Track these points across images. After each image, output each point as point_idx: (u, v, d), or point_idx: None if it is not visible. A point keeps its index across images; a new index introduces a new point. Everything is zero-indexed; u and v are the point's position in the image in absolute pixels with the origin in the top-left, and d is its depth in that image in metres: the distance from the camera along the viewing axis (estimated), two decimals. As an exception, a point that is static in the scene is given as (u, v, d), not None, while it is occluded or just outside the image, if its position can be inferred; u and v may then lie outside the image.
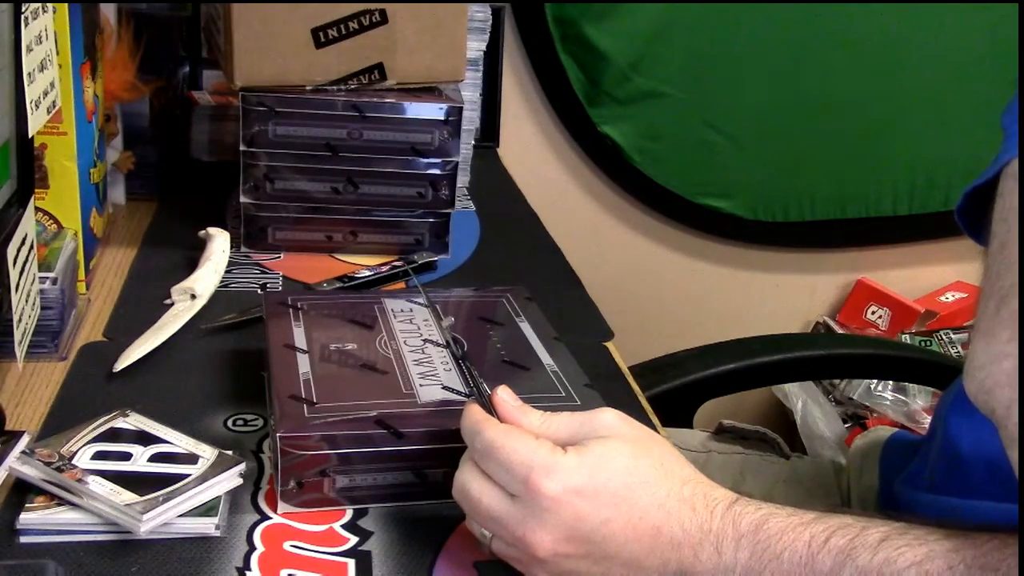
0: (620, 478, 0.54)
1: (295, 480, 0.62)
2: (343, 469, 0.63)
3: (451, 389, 0.67)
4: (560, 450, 0.55)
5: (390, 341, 0.73)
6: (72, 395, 0.75)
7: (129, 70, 1.03)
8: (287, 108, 0.96)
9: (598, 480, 0.54)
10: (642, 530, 0.54)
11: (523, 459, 0.54)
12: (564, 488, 0.54)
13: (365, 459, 0.63)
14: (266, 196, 0.99)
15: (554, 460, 0.54)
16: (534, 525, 0.54)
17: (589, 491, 0.54)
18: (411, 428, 0.63)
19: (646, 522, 0.54)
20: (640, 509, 0.54)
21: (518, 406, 0.59)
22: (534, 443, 0.55)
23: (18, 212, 0.71)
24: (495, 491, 0.56)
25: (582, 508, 0.54)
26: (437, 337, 0.74)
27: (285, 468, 0.62)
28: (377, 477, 0.64)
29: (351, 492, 0.63)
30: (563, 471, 0.54)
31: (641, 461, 0.55)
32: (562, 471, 0.54)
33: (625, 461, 0.55)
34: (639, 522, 0.54)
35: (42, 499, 0.60)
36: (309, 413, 0.63)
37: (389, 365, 0.70)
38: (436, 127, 0.99)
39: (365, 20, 0.95)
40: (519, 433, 0.56)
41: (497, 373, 0.69)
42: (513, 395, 0.60)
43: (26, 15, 0.69)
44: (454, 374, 0.69)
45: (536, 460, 0.54)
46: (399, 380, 0.68)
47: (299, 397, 0.65)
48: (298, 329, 0.74)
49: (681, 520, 0.54)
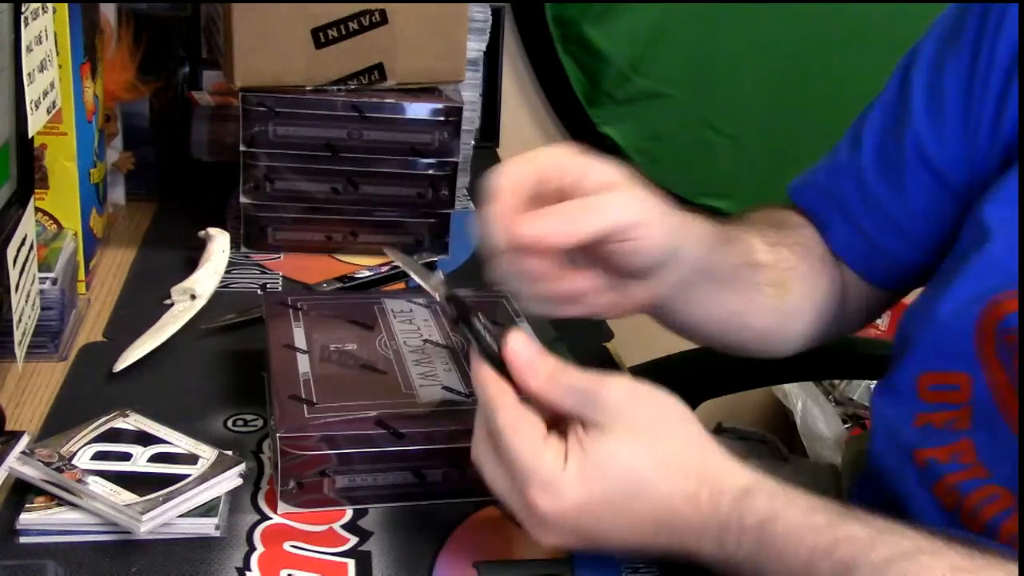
0: (619, 486, 0.55)
1: (295, 480, 0.62)
2: (343, 469, 0.63)
3: (451, 389, 0.67)
4: (561, 463, 0.55)
5: (390, 341, 0.73)
6: (72, 395, 0.75)
7: (129, 70, 1.03)
8: (287, 108, 0.96)
9: (595, 493, 0.54)
10: (645, 528, 0.55)
11: (524, 467, 0.54)
12: (561, 507, 0.54)
13: (365, 459, 0.63)
14: (266, 196, 0.99)
15: (553, 477, 0.54)
16: (538, 528, 0.55)
17: (586, 507, 0.54)
18: (411, 428, 0.63)
19: (648, 522, 0.55)
20: (640, 515, 0.55)
21: (527, 360, 0.57)
22: (539, 449, 0.55)
23: (18, 212, 0.71)
24: (506, 480, 0.56)
25: (581, 521, 0.55)
26: (437, 337, 0.74)
27: (285, 468, 0.62)
28: (377, 477, 0.64)
29: (351, 492, 0.63)
30: (561, 490, 0.54)
31: (641, 460, 0.55)
32: (560, 490, 0.54)
33: (625, 463, 0.55)
34: (640, 524, 0.55)
35: (42, 499, 0.60)
36: (309, 413, 0.63)
37: (389, 365, 0.70)
38: (436, 127, 0.99)
39: (365, 20, 0.95)
40: (527, 433, 0.55)
41: None
42: (527, 342, 0.58)
43: (26, 15, 0.69)
44: (454, 374, 0.69)
45: (536, 475, 0.54)
46: (399, 380, 0.68)
47: (299, 397, 0.65)
48: (298, 329, 0.74)
49: (685, 517, 0.55)
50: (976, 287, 0.67)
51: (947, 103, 0.73)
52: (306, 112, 0.96)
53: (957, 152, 0.73)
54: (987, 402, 0.66)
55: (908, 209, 0.76)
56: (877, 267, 0.80)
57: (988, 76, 0.71)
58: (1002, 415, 0.65)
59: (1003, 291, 0.65)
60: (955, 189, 0.74)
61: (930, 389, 0.70)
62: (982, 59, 0.71)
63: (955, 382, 0.68)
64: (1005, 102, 0.70)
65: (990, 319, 0.66)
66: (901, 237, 0.78)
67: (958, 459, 0.67)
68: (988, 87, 0.71)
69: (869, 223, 0.79)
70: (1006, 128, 0.70)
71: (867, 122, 0.80)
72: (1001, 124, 0.70)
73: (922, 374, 0.70)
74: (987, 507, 0.65)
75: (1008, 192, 0.68)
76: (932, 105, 0.74)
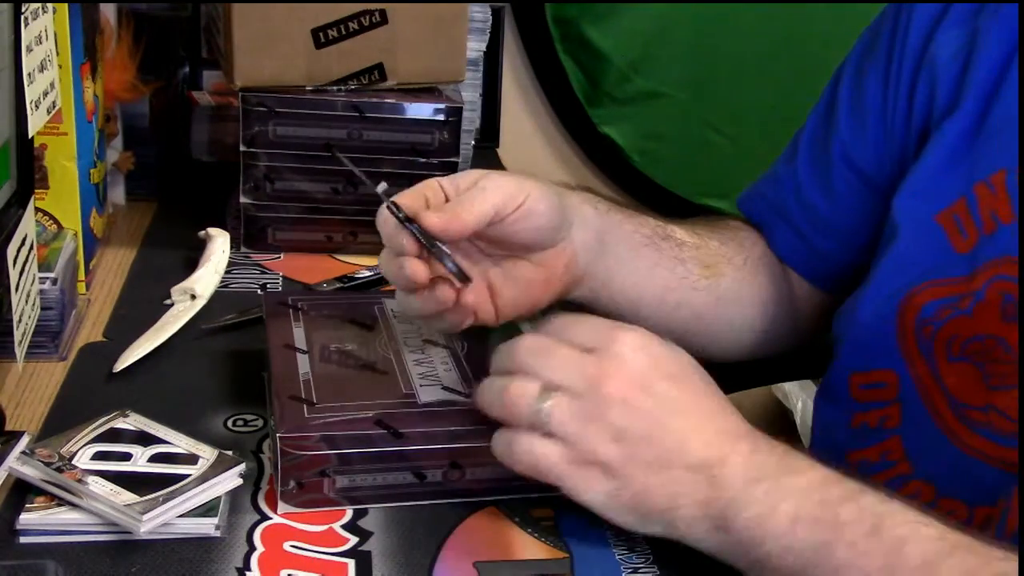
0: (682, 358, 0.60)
1: (295, 480, 0.62)
2: (343, 469, 0.63)
3: (451, 389, 0.67)
4: None
5: (390, 342, 0.73)
6: (72, 395, 0.75)
7: (129, 70, 1.03)
8: (287, 108, 0.96)
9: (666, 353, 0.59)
10: (708, 405, 0.59)
11: (606, 326, 0.59)
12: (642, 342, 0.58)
13: (365, 459, 0.63)
14: (266, 196, 0.99)
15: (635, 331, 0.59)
16: (609, 366, 0.56)
17: (662, 362, 0.58)
18: (411, 428, 0.63)
19: (711, 399, 0.59)
20: (703, 388, 0.60)
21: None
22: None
23: (18, 212, 0.71)
24: (576, 359, 0.57)
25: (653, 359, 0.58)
26: (437, 337, 0.74)
27: (285, 468, 0.62)
28: (377, 477, 0.63)
29: (351, 492, 0.63)
30: (647, 340, 0.58)
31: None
32: (646, 340, 0.58)
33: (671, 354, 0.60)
34: (704, 398, 0.59)
35: (42, 499, 0.60)
36: (309, 413, 0.63)
37: (389, 365, 0.70)
38: (436, 127, 0.99)
39: (365, 20, 0.95)
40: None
41: None
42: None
43: (26, 15, 0.69)
44: (454, 374, 0.69)
45: (620, 328, 0.58)
46: (399, 380, 0.68)
47: (299, 397, 0.64)
48: (298, 329, 0.74)
49: (730, 414, 0.59)
50: (891, 283, 0.69)
51: (868, 105, 0.75)
52: (306, 112, 0.96)
53: (879, 151, 0.75)
54: (913, 396, 0.68)
55: (838, 211, 0.79)
56: (819, 270, 0.82)
57: (900, 69, 0.73)
58: (927, 409, 0.67)
59: (916, 284, 0.67)
60: (880, 188, 0.76)
61: (861, 388, 0.72)
62: (895, 55, 0.73)
63: (882, 380, 0.70)
64: (915, 91, 0.72)
65: (909, 313, 0.68)
66: (836, 239, 0.80)
67: (886, 457, 0.70)
68: (901, 80, 0.73)
69: (807, 227, 0.81)
70: (915, 119, 0.72)
71: (802, 134, 0.84)
72: (912, 115, 0.72)
73: (852, 374, 0.72)
74: None
75: (913, 183, 0.69)
76: (855, 111, 0.77)
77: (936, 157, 0.68)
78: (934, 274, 0.67)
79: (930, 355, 0.67)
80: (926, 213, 0.68)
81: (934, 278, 0.67)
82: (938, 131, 0.69)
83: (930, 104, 0.70)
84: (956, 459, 0.66)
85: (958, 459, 0.66)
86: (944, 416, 0.66)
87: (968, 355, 0.65)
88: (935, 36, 0.70)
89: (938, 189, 0.68)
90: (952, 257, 0.66)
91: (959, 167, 0.67)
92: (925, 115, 0.71)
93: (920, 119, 0.72)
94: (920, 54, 0.71)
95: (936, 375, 0.67)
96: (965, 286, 0.65)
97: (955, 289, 0.66)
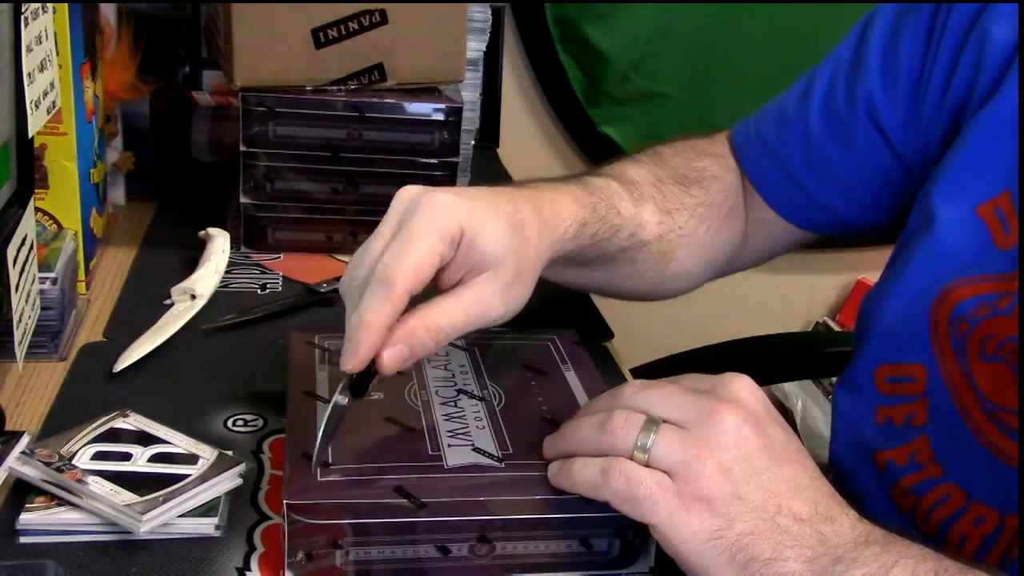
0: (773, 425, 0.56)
1: (303, 551, 0.56)
2: (358, 541, 0.56)
3: (483, 452, 0.61)
4: None
5: (420, 391, 0.67)
6: (72, 395, 0.75)
7: (129, 70, 1.03)
8: (287, 108, 0.96)
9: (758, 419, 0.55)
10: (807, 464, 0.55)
11: (711, 381, 0.55)
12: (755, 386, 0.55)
13: (383, 530, 0.56)
14: (266, 196, 0.99)
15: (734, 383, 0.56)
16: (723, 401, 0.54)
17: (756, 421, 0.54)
18: (435, 498, 0.56)
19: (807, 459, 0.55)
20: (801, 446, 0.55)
21: None
22: None
23: (18, 212, 0.71)
24: (691, 400, 0.54)
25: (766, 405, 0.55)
26: (473, 387, 0.68)
27: (293, 535, 0.55)
28: (396, 550, 0.57)
29: (366, 566, 0.57)
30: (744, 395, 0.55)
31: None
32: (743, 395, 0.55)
33: None
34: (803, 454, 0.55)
35: (42, 499, 0.60)
36: (322, 476, 0.57)
37: (416, 420, 0.64)
38: (436, 127, 0.99)
39: (365, 20, 0.95)
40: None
41: (533, 433, 0.62)
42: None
43: (26, 15, 0.69)
44: (487, 433, 0.63)
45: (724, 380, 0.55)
46: (426, 438, 0.62)
47: (312, 456, 0.58)
48: (321, 373, 0.68)
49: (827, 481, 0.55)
50: (927, 276, 0.66)
51: (902, 66, 0.72)
52: (306, 112, 0.96)
53: (907, 118, 0.72)
54: (942, 393, 0.65)
55: (853, 165, 0.76)
56: (809, 217, 0.80)
57: (939, 47, 0.69)
58: (956, 407, 0.65)
59: (954, 279, 0.64)
60: (901, 154, 0.73)
61: (887, 381, 0.69)
62: (936, 29, 0.70)
63: (910, 374, 0.67)
64: (954, 73, 0.68)
65: (943, 309, 0.65)
66: (844, 193, 0.77)
67: (914, 459, 0.67)
68: (938, 58, 0.70)
69: (810, 179, 0.78)
70: (952, 96, 0.69)
71: (818, 75, 0.80)
72: (947, 96, 0.69)
73: (878, 366, 0.69)
74: (939, 509, 0.65)
75: (951, 173, 0.67)
76: (888, 67, 0.73)
77: (977, 146, 0.65)
78: (973, 269, 0.64)
79: (962, 352, 0.64)
80: (966, 205, 0.64)
81: (973, 274, 0.64)
82: (978, 118, 0.65)
83: (972, 84, 0.67)
84: (986, 462, 0.63)
85: (988, 462, 0.62)
86: (974, 416, 0.63)
87: (1002, 356, 0.62)
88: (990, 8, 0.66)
89: (979, 180, 0.64)
90: (993, 253, 0.63)
91: (1002, 159, 0.63)
92: (964, 95, 0.67)
93: (957, 97, 0.68)
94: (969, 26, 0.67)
95: (967, 373, 0.63)
96: (1006, 284, 0.62)
97: (994, 287, 0.62)
